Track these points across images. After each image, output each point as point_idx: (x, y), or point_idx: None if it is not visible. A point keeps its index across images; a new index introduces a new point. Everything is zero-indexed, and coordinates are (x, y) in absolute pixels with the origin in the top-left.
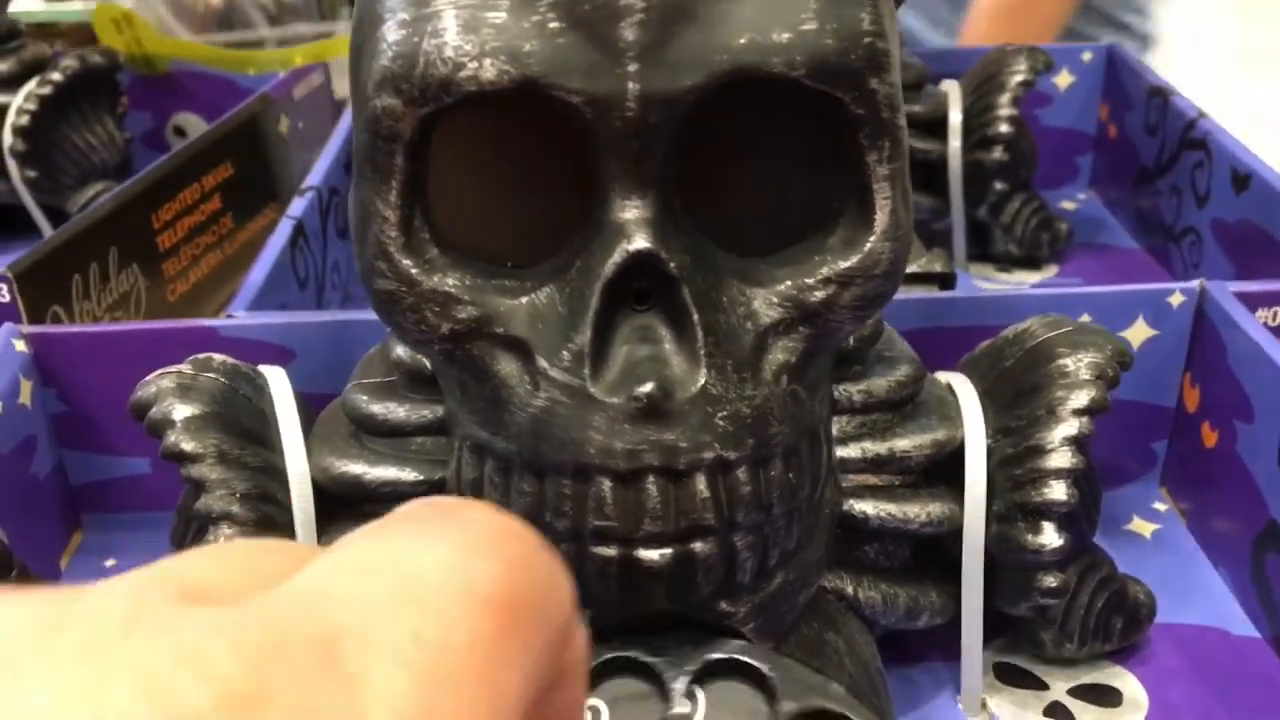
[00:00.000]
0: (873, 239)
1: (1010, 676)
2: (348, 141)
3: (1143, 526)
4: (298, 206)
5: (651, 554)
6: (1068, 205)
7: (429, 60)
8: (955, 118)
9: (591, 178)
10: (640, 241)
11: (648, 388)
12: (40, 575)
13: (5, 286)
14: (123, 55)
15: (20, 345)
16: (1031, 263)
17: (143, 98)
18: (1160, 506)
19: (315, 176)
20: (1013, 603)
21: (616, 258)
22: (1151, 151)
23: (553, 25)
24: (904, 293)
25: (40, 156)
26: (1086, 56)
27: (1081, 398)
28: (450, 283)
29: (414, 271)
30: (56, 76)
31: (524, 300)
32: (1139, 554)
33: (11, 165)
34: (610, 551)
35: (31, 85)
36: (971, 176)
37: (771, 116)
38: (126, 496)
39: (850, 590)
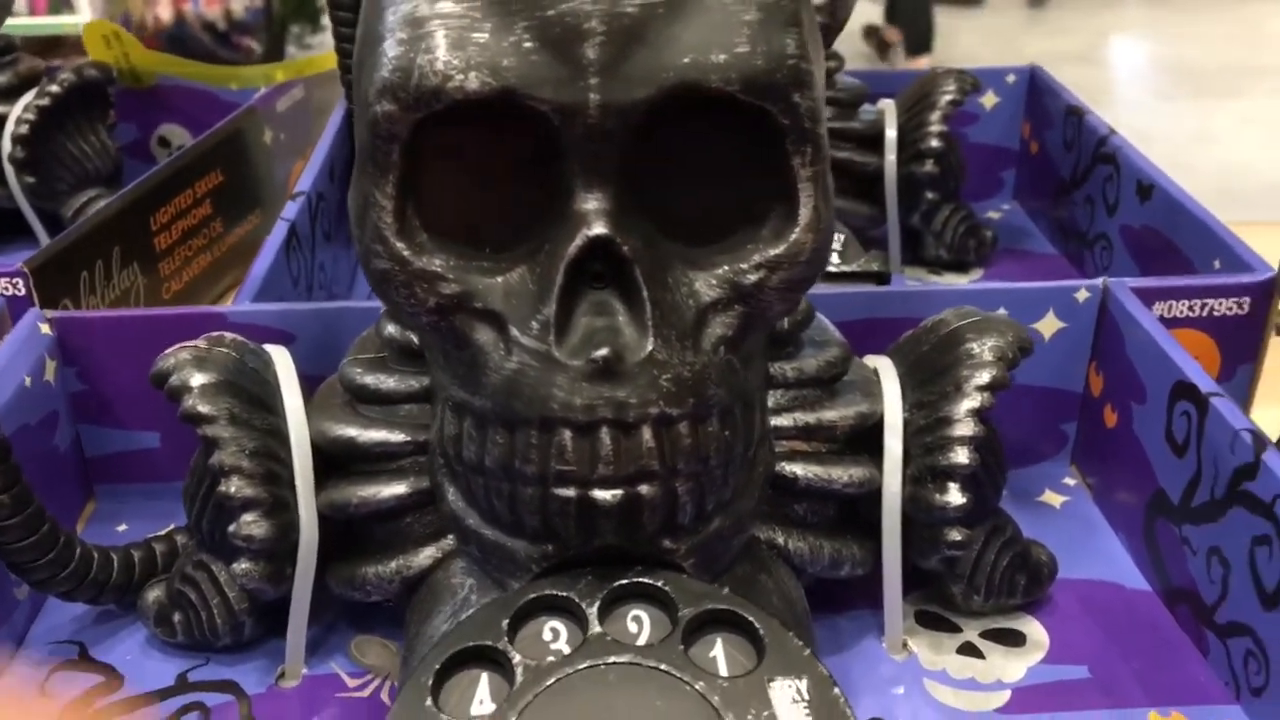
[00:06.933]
0: (797, 231)
1: (928, 621)
2: (331, 151)
3: (1053, 498)
4: (290, 210)
5: (605, 494)
6: (994, 215)
7: (422, 73)
8: (891, 134)
9: (557, 175)
10: (599, 228)
11: (603, 352)
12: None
13: (22, 281)
14: (115, 70)
15: (45, 328)
16: (960, 266)
17: (129, 109)
18: (1070, 481)
19: (304, 182)
20: (924, 556)
21: (578, 241)
22: (1069, 165)
23: (527, 44)
24: (846, 287)
25: (38, 164)
26: (1010, 79)
27: (984, 376)
28: (436, 263)
29: (406, 253)
30: (54, 89)
31: (499, 279)
32: (1049, 521)
33: (10, 172)
34: (570, 493)
35: (30, 96)
36: (905, 187)
37: (710, 126)
38: (136, 468)
39: (781, 540)
